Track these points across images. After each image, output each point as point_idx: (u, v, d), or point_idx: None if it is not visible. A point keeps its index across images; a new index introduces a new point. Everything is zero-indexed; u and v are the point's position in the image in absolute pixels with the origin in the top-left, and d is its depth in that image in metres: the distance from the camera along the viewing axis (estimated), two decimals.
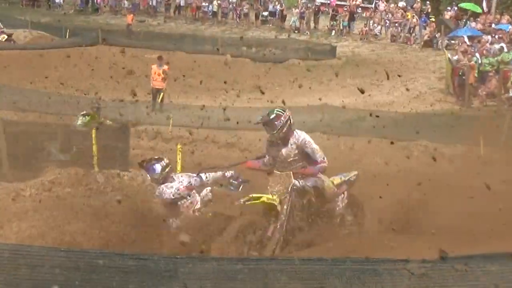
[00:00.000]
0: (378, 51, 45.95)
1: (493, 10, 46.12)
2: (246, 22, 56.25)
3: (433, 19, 48.50)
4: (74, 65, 39.62)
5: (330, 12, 55.15)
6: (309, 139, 12.41)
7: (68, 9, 61.19)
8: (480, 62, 31.11)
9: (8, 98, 28.62)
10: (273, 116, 12.21)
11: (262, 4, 58.89)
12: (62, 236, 11.35)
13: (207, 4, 59.56)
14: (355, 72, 41.10)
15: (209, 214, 12.18)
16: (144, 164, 12.50)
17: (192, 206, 12.43)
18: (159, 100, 29.16)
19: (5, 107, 27.21)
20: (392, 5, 52.82)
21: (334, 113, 26.98)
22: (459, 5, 49.02)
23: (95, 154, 14.77)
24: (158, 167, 12.25)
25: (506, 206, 17.76)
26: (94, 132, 15.20)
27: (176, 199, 12.17)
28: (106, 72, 38.97)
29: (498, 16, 42.95)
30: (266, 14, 56.24)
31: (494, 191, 19.86)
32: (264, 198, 11.69)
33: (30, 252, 6.19)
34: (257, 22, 56.08)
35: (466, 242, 12.56)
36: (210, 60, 43.14)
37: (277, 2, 58.03)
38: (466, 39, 35.05)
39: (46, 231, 11.51)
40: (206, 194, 12.80)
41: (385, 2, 54.70)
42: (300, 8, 55.21)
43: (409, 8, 51.03)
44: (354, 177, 13.28)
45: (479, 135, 22.61)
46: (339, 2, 60.44)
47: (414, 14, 48.77)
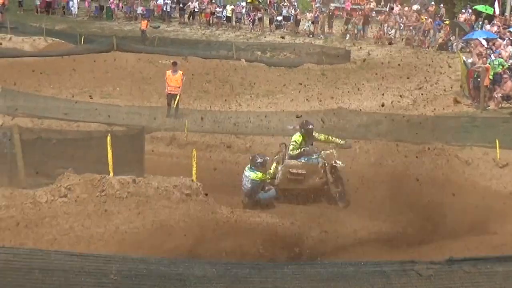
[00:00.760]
0: (393, 55, 45.86)
1: (507, 12, 46.03)
2: (260, 27, 56.25)
3: (447, 22, 48.46)
4: (89, 71, 39.73)
5: (344, 16, 55.15)
6: None
7: (82, 15, 61.38)
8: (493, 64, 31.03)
9: (23, 105, 28.71)
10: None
11: (276, 9, 58.95)
12: (77, 241, 11.40)
13: (221, 9, 59.66)
14: (370, 75, 41.05)
15: None
16: None
17: None
18: (174, 105, 29.15)
19: (20, 114, 27.31)
20: (406, 8, 52.76)
21: (349, 116, 26.92)
22: (474, 7, 48.96)
23: (111, 160, 14.76)
24: None
25: None
26: (109, 138, 15.19)
27: None
28: (121, 78, 39.11)
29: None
30: (280, 18, 56.24)
31: (510, 193, 19.91)
32: None
33: (44, 256, 6.23)
34: (271, 26, 56.08)
35: (481, 244, 12.56)
36: (225, 65, 43.15)
37: (291, 7, 58.10)
38: (484, 42, 34.94)
39: (61, 237, 11.56)
40: None
41: (399, 6, 54.65)
42: (314, 12, 55.22)
43: (423, 11, 50.98)
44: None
45: (495, 138, 22.54)
46: (353, 6, 60.48)
47: (428, 17, 48.67)
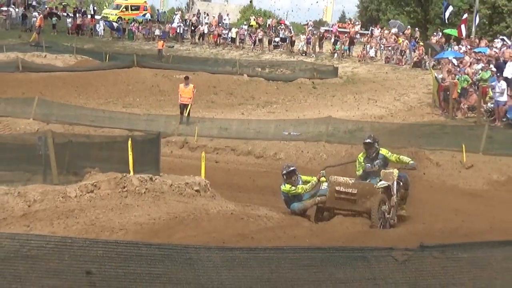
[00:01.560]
0: (374, 71, 45.88)
1: (473, 35, 46.09)
2: (260, 47, 56.29)
3: (421, 43, 48.50)
4: (113, 84, 39.76)
5: (333, 38, 55.18)
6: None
7: (107, 36, 61.45)
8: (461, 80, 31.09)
9: (56, 113, 28.76)
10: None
11: (274, 31, 59.04)
12: (102, 230, 11.38)
13: (227, 31, 59.74)
14: (354, 89, 41.07)
15: None
16: None
17: None
18: (186, 114, 29.11)
19: (53, 121, 27.33)
20: (386, 31, 52.82)
21: (337, 124, 26.92)
22: (444, 31, 49.07)
23: (131, 160, 14.75)
24: None
25: (488, 204, 17.78)
26: (130, 142, 15.18)
27: None
28: (141, 90, 39.14)
29: (477, 40, 42.89)
30: (277, 40, 56.29)
31: (476, 191, 19.90)
32: None
33: (73, 243, 6.20)
34: (270, 46, 56.11)
35: (447, 234, 12.55)
36: (230, 79, 43.17)
37: (286, 30, 58.16)
38: (454, 61, 34.96)
39: (88, 227, 11.54)
40: None
41: (379, 29, 54.75)
42: (306, 34, 55.25)
43: (400, 33, 51.02)
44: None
45: (462, 143, 22.55)
46: (340, 29, 60.56)
47: (404, 39, 48.72)
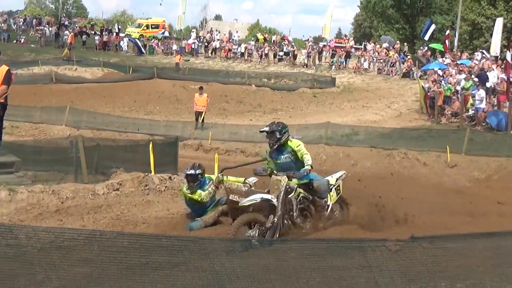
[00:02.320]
0: (368, 81, 45.83)
1: (455, 49, 46.02)
2: (266, 60, 56.29)
3: (409, 56, 48.49)
4: (136, 94, 39.78)
5: (331, 51, 55.17)
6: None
7: (130, 52, 61.54)
8: (446, 89, 31.10)
9: (86, 120, 28.80)
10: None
11: (278, 46, 59.05)
12: (126, 224, 11.38)
13: (237, 46, 59.82)
14: (350, 97, 41.02)
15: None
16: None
17: None
18: (201, 120, 29.14)
19: (83, 127, 27.36)
20: (378, 46, 52.78)
21: (335, 129, 26.88)
22: (429, 45, 49.03)
23: (152, 161, 14.75)
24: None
25: (472, 199, 17.72)
26: (151, 145, 15.19)
27: None
28: (160, 99, 39.15)
29: (459, 53, 42.79)
30: (281, 54, 56.30)
31: (460, 188, 19.84)
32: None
33: (102, 236, 6.20)
34: (274, 60, 56.12)
35: (435, 226, 12.50)
36: (239, 89, 43.15)
37: (289, 45, 58.17)
38: (439, 71, 34.91)
39: (114, 221, 11.54)
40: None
41: (372, 44, 54.73)
42: (307, 49, 55.23)
43: (391, 48, 51.01)
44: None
45: (446, 145, 22.50)
46: (337, 44, 60.57)
47: (395, 53, 48.69)
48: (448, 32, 45.36)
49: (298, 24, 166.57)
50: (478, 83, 28.89)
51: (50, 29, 64.34)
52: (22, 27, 69.01)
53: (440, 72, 34.67)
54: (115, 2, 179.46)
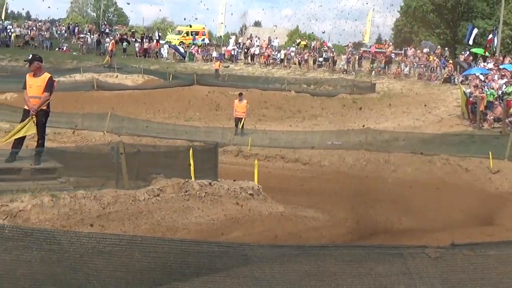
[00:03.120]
0: (408, 87, 45.49)
1: (497, 53, 45.49)
2: (306, 66, 56.22)
3: (450, 61, 48.04)
4: (176, 100, 40.04)
5: (370, 57, 54.94)
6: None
7: (171, 58, 61.98)
8: (488, 94, 30.75)
9: (126, 126, 29.04)
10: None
11: (318, 52, 58.94)
12: (167, 230, 11.45)
13: (276, 52, 59.86)
14: (390, 103, 40.76)
15: None
16: None
17: None
18: (240, 126, 29.21)
19: (124, 133, 27.60)
20: (418, 51, 52.39)
21: (375, 134, 26.73)
22: (471, 50, 48.54)
23: (192, 167, 14.82)
24: None
25: None
26: (191, 151, 15.26)
27: None
28: (200, 105, 39.34)
29: (501, 58, 42.30)
30: (321, 59, 56.17)
31: (503, 194, 19.61)
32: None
33: (142, 241, 6.26)
34: (314, 66, 56.03)
35: (476, 233, 12.38)
36: (279, 95, 43.17)
37: (329, 51, 58.03)
38: (481, 76, 34.57)
39: (155, 227, 11.62)
40: None
41: (413, 49, 54.32)
42: (347, 54, 55.06)
43: (431, 53, 50.57)
44: None
45: (488, 150, 22.24)
46: (377, 50, 60.24)
47: (435, 58, 48.26)
48: (490, 36, 44.82)
49: (337, 29, 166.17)
50: None
51: (92, 36, 65.14)
52: (65, 35, 69.99)
53: (482, 77, 34.30)
54: (155, 9, 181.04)
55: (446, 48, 58.21)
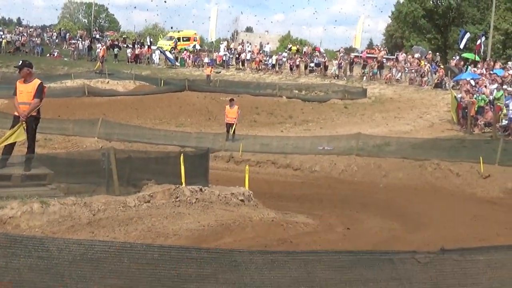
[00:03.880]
0: (399, 92, 45.59)
1: (488, 58, 45.68)
2: (297, 71, 56.28)
3: (441, 66, 48.19)
4: (167, 106, 40.02)
5: (362, 62, 55.05)
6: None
7: (162, 64, 61.99)
8: (479, 99, 30.86)
9: (118, 132, 28.98)
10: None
11: (309, 57, 59.02)
12: (157, 236, 11.43)
13: (267, 58, 59.93)
14: (382, 108, 40.85)
15: None
16: None
17: None
18: (232, 132, 29.19)
19: (115, 139, 27.53)
20: (409, 56, 52.53)
21: (366, 139, 26.76)
22: (462, 55, 48.73)
23: (183, 173, 14.79)
24: None
25: (505, 210, 17.54)
26: (182, 157, 15.23)
27: None
28: (191, 111, 39.33)
29: (492, 63, 42.47)
30: (312, 65, 56.23)
31: (493, 199, 19.66)
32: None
33: (132, 248, 6.26)
34: (305, 71, 56.07)
35: (467, 238, 12.40)
36: (270, 100, 43.19)
37: (321, 56, 58.13)
38: (472, 81, 34.69)
39: (145, 233, 11.59)
40: None
41: (404, 54, 54.45)
42: (338, 60, 55.16)
43: (422, 58, 50.72)
44: None
45: (479, 155, 22.30)
46: (368, 55, 60.38)
47: (426, 63, 48.40)
48: (479, 41, 44.97)
49: (329, 35, 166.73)
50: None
51: (83, 42, 65.14)
52: (56, 41, 69.97)
53: (472, 82, 34.43)
54: (147, 15, 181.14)
55: (437, 53, 58.45)
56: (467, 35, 49.59)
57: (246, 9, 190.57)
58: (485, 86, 32.49)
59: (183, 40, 71.75)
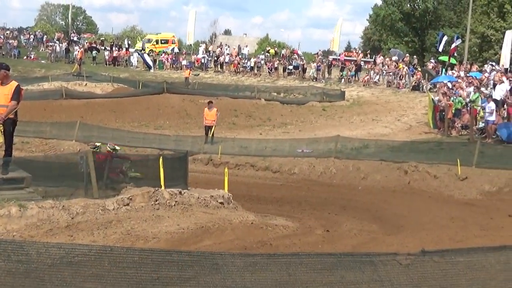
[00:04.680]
0: (377, 94, 45.78)
1: (465, 61, 45.99)
2: (276, 74, 56.33)
3: (419, 69, 48.46)
4: (145, 109, 39.89)
5: (340, 65, 55.24)
6: None
7: (140, 67, 61.78)
8: (456, 102, 31.03)
9: (96, 135, 28.78)
10: None
11: (288, 60, 59.10)
12: (137, 239, 11.36)
13: (246, 61, 59.95)
14: (360, 110, 40.98)
15: None
16: None
17: None
18: (210, 134, 29.16)
19: (94, 142, 27.36)
20: (387, 59, 52.77)
21: (344, 142, 26.83)
22: (438, 58, 49.03)
23: (162, 176, 14.74)
24: None
25: (483, 212, 17.64)
26: (161, 159, 15.17)
27: None
28: (170, 114, 39.23)
29: (468, 66, 42.77)
30: (291, 67, 56.29)
31: (471, 200, 19.78)
32: None
33: (112, 251, 6.22)
34: (284, 74, 56.12)
35: (446, 240, 12.46)
36: (249, 103, 43.18)
37: (299, 59, 58.23)
38: (449, 84, 34.85)
39: (125, 236, 11.52)
40: None
41: (382, 57, 54.71)
42: (317, 63, 55.27)
43: (400, 61, 50.98)
44: None
45: (456, 158, 22.43)
46: (346, 58, 60.62)
47: (404, 65, 48.65)
48: (454, 44, 45.25)
49: (307, 38, 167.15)
50: (488, 95, 28.89)
51: (61, 45, 64.79)
52: (33, 43, 69.50)
53: (449, 85, 34.63)
54: (125, 17, 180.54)
55: (415, 56, 58.80)
56: (445, 38, 49.89)
57: (224, 11, 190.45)
58: (461, 88, 32.66)
59: (162, 42, 71.62)
